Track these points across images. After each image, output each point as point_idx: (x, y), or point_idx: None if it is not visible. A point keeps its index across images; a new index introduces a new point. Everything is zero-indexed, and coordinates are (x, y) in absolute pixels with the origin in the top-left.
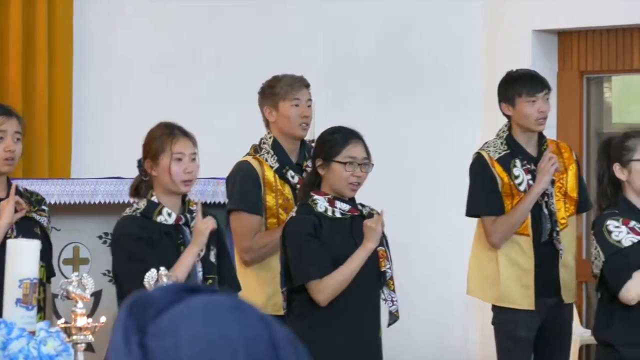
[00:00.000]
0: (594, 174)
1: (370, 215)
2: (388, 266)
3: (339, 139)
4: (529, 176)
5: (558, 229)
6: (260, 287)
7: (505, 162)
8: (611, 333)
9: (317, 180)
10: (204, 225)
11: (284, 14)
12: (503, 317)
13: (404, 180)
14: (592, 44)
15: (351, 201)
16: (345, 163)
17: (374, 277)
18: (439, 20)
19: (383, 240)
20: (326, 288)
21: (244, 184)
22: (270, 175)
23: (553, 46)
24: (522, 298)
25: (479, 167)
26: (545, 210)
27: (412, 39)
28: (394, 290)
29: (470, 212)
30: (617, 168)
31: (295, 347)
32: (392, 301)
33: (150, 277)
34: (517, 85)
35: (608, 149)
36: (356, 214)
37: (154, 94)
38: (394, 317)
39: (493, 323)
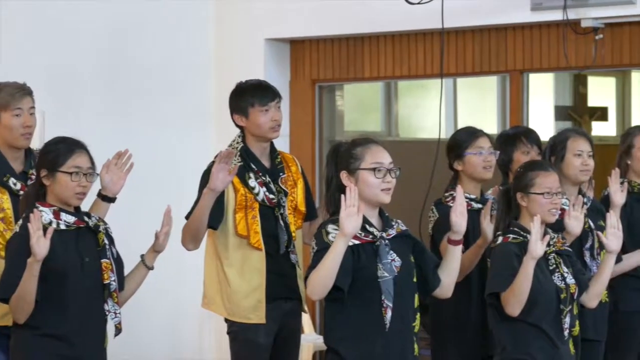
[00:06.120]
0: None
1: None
2: (113, 278)
3: (63, 149)
4: (264, 188)
5: (294, 241)
6: None
7: (241, 174)
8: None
9: (42, 191)
10: None
11: (9, 18)
12: (241, 326)
13: (137, 189)
14: (324, 52)
15: (77, 213)
16: (71, 173)
17: (99, 289)
18: (168, 29)
19: (108, 253)
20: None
21: None
22: None
23: (285, 55)
24: (253, 312)
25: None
26: (282, 223)
27: (140, 46)
28: (117, 303)
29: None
30: (344, 176)
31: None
32: (116, 314)
33: None
34: (248, 96)
35: (336, 155)
36: (82, 225)
37: None
38: (118, 330)
39: (229, 333)
